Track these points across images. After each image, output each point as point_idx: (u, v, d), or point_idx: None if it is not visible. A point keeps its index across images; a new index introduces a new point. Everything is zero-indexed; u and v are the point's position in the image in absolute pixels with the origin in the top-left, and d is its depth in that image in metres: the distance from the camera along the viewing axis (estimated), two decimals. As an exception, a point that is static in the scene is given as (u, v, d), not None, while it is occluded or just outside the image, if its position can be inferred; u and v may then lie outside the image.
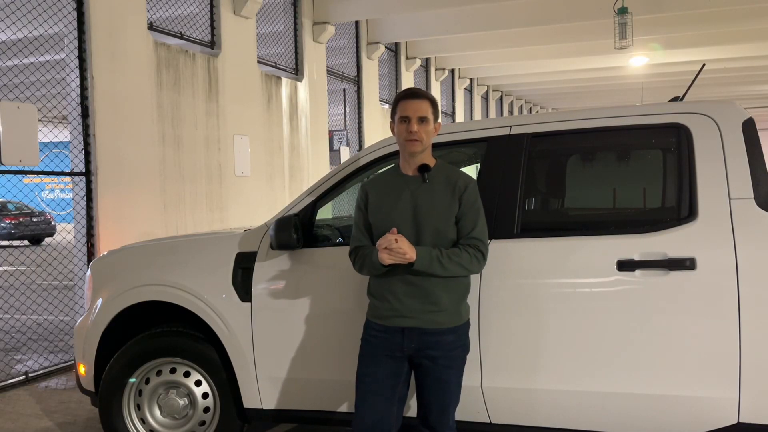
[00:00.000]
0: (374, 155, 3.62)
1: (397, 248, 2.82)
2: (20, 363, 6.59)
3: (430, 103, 3.02)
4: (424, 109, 2.99)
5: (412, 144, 2.97)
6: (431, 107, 3.02)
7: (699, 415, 3.08)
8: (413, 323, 2.94)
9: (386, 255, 2.84)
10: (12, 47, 8.49)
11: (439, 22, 12.42)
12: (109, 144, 6.69)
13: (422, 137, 2.97)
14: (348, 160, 3.74)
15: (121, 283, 3.99)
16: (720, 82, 20.46)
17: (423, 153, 3.02)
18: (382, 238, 2.87)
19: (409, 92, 3.04)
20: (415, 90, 3.06)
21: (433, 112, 3.03)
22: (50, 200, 29.85)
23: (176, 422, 3.93)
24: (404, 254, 2.83)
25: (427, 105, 3.01)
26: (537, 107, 27.81)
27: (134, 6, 7.09)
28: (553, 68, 17.54)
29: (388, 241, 2.84)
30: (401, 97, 3.04)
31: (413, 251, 2.85)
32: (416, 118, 2.96)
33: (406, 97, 3.02)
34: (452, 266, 2.90)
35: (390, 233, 2.87)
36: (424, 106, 2.99)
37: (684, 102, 3.39)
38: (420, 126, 2.96)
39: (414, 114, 2.97)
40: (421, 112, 2.98)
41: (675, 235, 3.11)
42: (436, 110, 3.05)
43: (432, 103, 3.03)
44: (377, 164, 3.62)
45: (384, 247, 2.84)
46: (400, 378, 3.01)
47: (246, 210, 8.85)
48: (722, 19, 12.03)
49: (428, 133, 3.00)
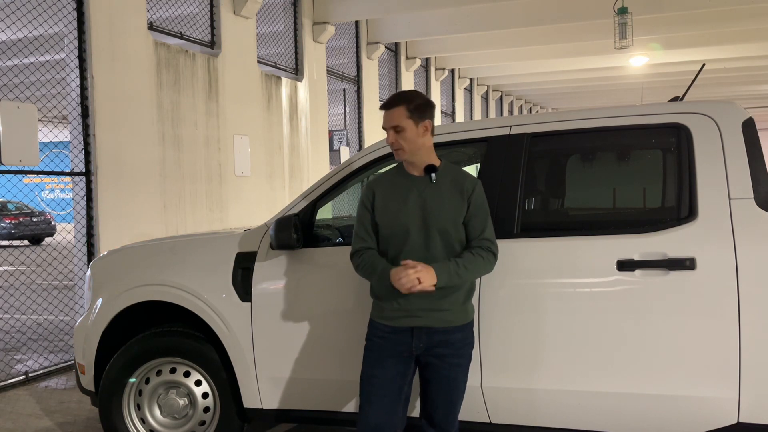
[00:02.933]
0: (375, 155, 3.62)
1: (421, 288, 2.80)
2: (20, 363, 6.59)
3: (405, 107, 2.94)
4: (396, 117, 2.95)
5: (396, 153, 3.00)
6: (406, 112, 2.94)
7: (699, 415, 3.08)
8: (422, 322, 2.94)
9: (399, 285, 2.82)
10: (12, 47, 8.49)
11: (439, 22, 12.42)
12: (109, 144, 6.69)
13: (401, 145, 2.96)
14: (348, 159, 3.74)
15: (121, 283, 3.99)
16: (720, 82, 20.46)
17: (425, 154, 3.00)
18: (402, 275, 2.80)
19: (384, 103, 3.01)
20: (389, 99, 3.01)
21: (412, 115, 2.94)
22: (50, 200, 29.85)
23: (176, 422, 3.93)
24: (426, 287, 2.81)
25: (399, 112, 2.94)
26: (537, 107, 27.81)
27: (134, 6, 7.09)
28: (553, 68, 17.53)
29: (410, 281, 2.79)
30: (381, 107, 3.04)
31: (433, 277, 2.82)
32: (390, 129, 2.96)
33: (381, 108, 3.02)
34: (470, 275, 2.93)
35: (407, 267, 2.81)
36: (395, 114, 2.95)
37: (684, 102, 3.39)
38: (397, 135, 2.95)
39: (387, 125, 2.98)
40: (393, 122, 2.95)
41: (675, 235, 3.11)
42: (417, 110, 2.95)
43: (408, 107, 2.94)
44: (378, 164, 3.62)
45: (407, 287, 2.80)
46: (407, 378, 3.02)
47: (246, 210, 8.85)
48: (722, 19, 12.03)
49: (408, 139, 2.95)
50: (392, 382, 2.98)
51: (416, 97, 3.00)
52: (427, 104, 3.00)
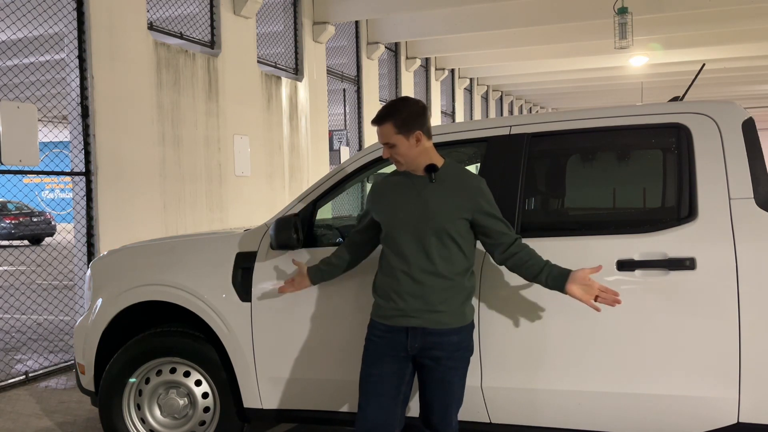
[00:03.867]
0: (375, 155, 3.62)
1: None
2: (20, 363, 6.59)
3: (392, 124, 2.92)
4: (385, 135, 2.95)
5: (395, 165, 3.05)
6: (394, 128, 2.92)
7: (699, 415, 3.08)
8: (417, 323, 2.94)
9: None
10: (12, 47, 8.49)
11: (439, 22, 12.42)
12: (109, 144, 6.69)
13: (397, 159, 2.99)
14: (348, 159, 3.74)
15: (121, 283, 3.99)
16: (720, 82, 20.46)
17: (424, 158, 2.99)
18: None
19: (373, 118, 3.00)
20: (377, 114, 2.98)
21: (401, 130, 2.91)
22: (50, 200, 29.85)
23: (176, 422, 3.93)
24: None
25: (388, 129, 2.93)
26: (537, 107, 27.81)
27: (134, 6, 7.09)
28: (553, 68, 17.53)
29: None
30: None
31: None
32: (384, 145, 3.00)
33: (372, 124, 3.03)
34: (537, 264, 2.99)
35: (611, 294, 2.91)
36: (385, 132, 2.95)
37: (684, 102, 3.39)
38: (391, 150, 2.98)
39: (381, 141, 3.01)
40: (383, 139, 2.98)
41: (675, 235, 3.11)
42: (405, 125, 2.91)
43: (395, 123, 2.92)
44: (378, 164, 3.63)
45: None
46: (404, 378, 3.02)
47: (246, 210, 8.85)
48: (722, 19, 12.03)
49: (402, 153, 2.96)
50: (390, 381, 2.98)
51: (403, 110, 2.95)
52: (415, 114, 2.95)
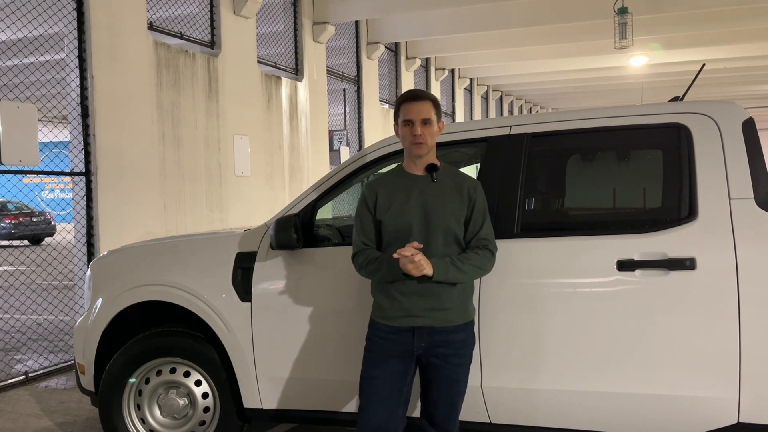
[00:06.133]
0: (375, 155, 3.62)
1: (419, 261, 2.80)
2: (20, 363, 6.59)
3: (432, 104, 3.02)
4: (426, 111, 2.98)
5: (417, 147, 2.99)
6: (434, 108, 3.01)
7: (699, 415, 3.08)
8: (423, 322, 2.94)
9: (412, 267, 2.81)
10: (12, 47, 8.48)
11: (439, 22, 12.42)
12: (109, 144, 6.69)
13: (427, 139, 2.98)
14: (348, 159, 3.74)
15: (121, 283, 3.99)
16: (720, 82, 20.46)
17: (432, 152, 3.04)
18: (403, 250, 2.81)
19: (410, 95, 3.03)
20: (416, 92, 3.05)
21: (436, 113, 3.03)
22: (50, 200, 29.85)
23: (176, 422, 3.93)
24: (423, 269, 2.82)
25: (429, 106, 3.00)
26: (537, 107, 27.81)
27: (134, 6, 7.09)
28: (553, 68, 17.54)
29: (411, 253, 2.79)
30: (403, 99, 3.03)
31: (430, 266, 2.84)
32: (419, 121, 2.97)
33: (408, 100, 3.01)
34: (469, 269, 2.94)
35: (410, 245, 2.83)
36: (426, 107, 2.99)
37: (684, 102, 3.39)
38: (424, 128, 2.97)
39: (417, 117, 2.97)
40: (423, 114, 2.98)
41: (675, 235, 3.11)
42: (438, 110, 3.05)
43: (434, 104, 3.03)
44: (378, 164, 3.63)
45: (409, 261, 2.80)
46: (407, 379, 3.02)
47: (246, 210, 8.85)
48: (722, 19, 12.03)
49: (432, 134, 3.01)
50: (393, 383, 2.98)
51: (436, 99, 3.10)
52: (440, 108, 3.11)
